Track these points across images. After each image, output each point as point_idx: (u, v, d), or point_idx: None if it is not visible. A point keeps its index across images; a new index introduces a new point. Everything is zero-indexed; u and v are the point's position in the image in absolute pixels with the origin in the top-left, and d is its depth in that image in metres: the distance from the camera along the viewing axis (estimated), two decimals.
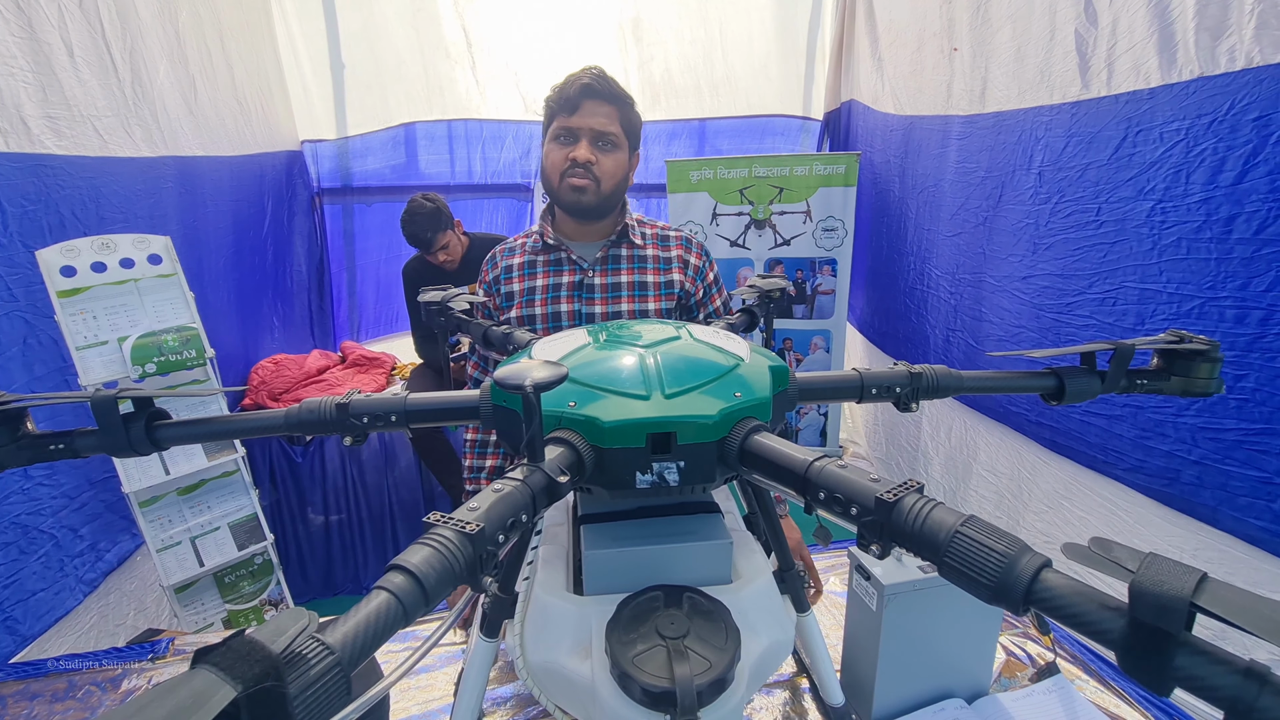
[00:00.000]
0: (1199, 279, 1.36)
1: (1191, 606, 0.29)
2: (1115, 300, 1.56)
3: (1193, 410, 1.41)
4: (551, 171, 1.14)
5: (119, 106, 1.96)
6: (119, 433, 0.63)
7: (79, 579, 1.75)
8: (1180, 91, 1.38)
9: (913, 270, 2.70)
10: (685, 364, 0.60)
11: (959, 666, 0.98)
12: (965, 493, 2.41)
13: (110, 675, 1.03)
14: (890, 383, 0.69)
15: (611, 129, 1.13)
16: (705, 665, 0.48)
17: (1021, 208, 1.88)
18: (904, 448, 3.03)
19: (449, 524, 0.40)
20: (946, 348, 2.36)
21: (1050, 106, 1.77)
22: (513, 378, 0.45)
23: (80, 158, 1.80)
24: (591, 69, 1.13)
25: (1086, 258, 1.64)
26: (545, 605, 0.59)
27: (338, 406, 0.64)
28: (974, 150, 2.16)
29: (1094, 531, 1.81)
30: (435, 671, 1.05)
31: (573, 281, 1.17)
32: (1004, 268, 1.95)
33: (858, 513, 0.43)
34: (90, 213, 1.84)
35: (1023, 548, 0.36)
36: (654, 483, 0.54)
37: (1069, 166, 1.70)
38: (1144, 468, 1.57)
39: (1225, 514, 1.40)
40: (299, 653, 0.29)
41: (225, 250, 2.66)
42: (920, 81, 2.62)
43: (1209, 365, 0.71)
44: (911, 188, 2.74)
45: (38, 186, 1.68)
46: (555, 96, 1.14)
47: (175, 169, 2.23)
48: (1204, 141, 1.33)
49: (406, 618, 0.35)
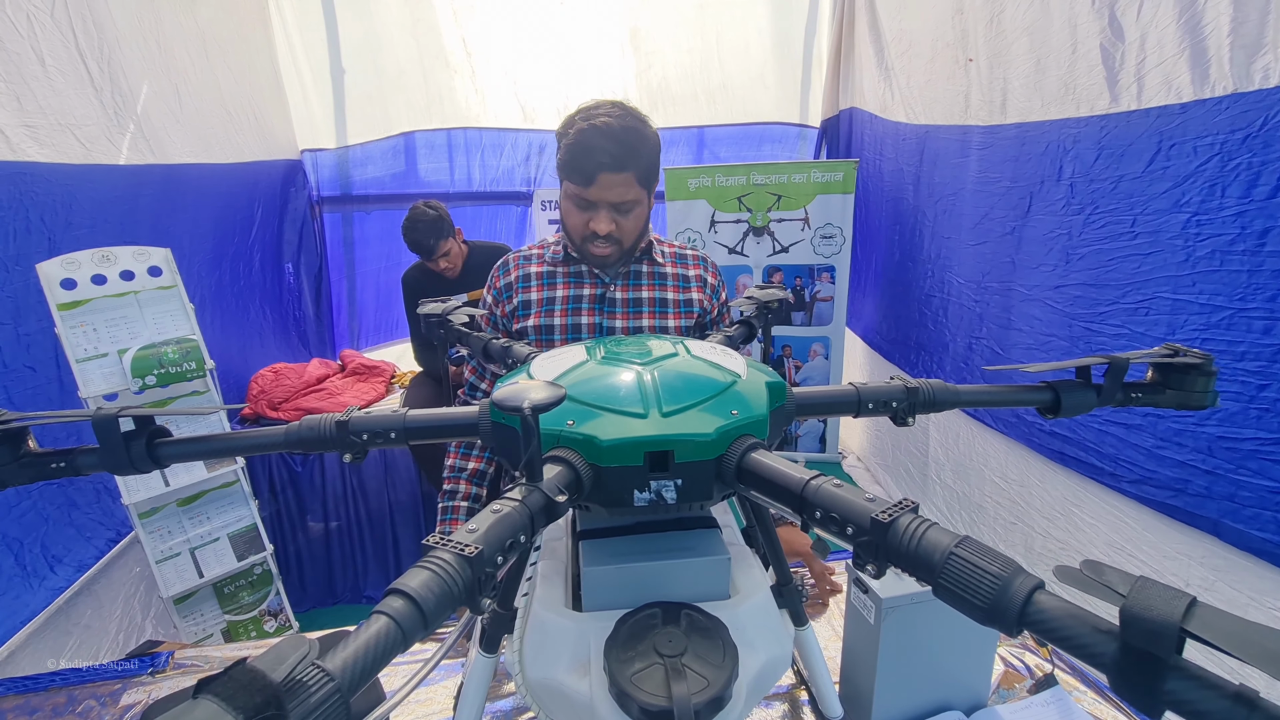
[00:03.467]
0: (1230, 290, 1.38)
1: (1181, 631, 0.29)
2: (1148, 310, 1.57)
3: (1214, 420, 1.41)
4: (573, 232, 1.12)
5: (98, 114, 1.96)
6: (120, 451, 0.63)
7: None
8: (1213, 107, 1.40)
9: (930, 277, 2.70)
10: (682, 381, 0.60)
11: (957, 679, 0.98)
12: (979, 499, 2.41)
13: (110, 690, 1.03)
14: (887, 397, 0.69)
15: (630, 195, 1.07)
16: (703, 684, 0.48)
17: (1053, 218, 1.89)
18: (913, 454, 3.03)
19: (448, 546, 0.40)
20: (968, 355, 2.36)
21: (1077, 119, 1.79)
22: (511, 399, 0.45)
23: (63, 165, 1.80)
24: (603, 125, 1.03)
25: (1120, 268, 1.65)
26: (544, 622, 0.59)
27: (337, 424, 0.64)
28: (997, 160, 2.18)
29: (1102, 540, 1.82)
30: (435, 685, 1.05)
31: (594, 295, 1.17)
32: (1035, 277, 1.96)
33: (853, 532, 0.43)
34: (79, 222, 1.84)
35: (1016, 569, 0.36)
36: (652, 501, 0.54)
37: (1101, 178, 1.71)
38: (1153, 479, 1.58)
39: (1227, 525, 1.40)
40: (299, 680, 0.30)
41: (223, 259, 2.67)
42: (935, 91, 2.64)
43: (1204, 379, 0.71)
44: (928, 196, 2.75)
45: (12, 194, 1.68)
46: (569, 161, 1.06)
47: (165, 177, 2.24)
48: (1239, 156, 1.35)
49: (406, 642, 0.35)
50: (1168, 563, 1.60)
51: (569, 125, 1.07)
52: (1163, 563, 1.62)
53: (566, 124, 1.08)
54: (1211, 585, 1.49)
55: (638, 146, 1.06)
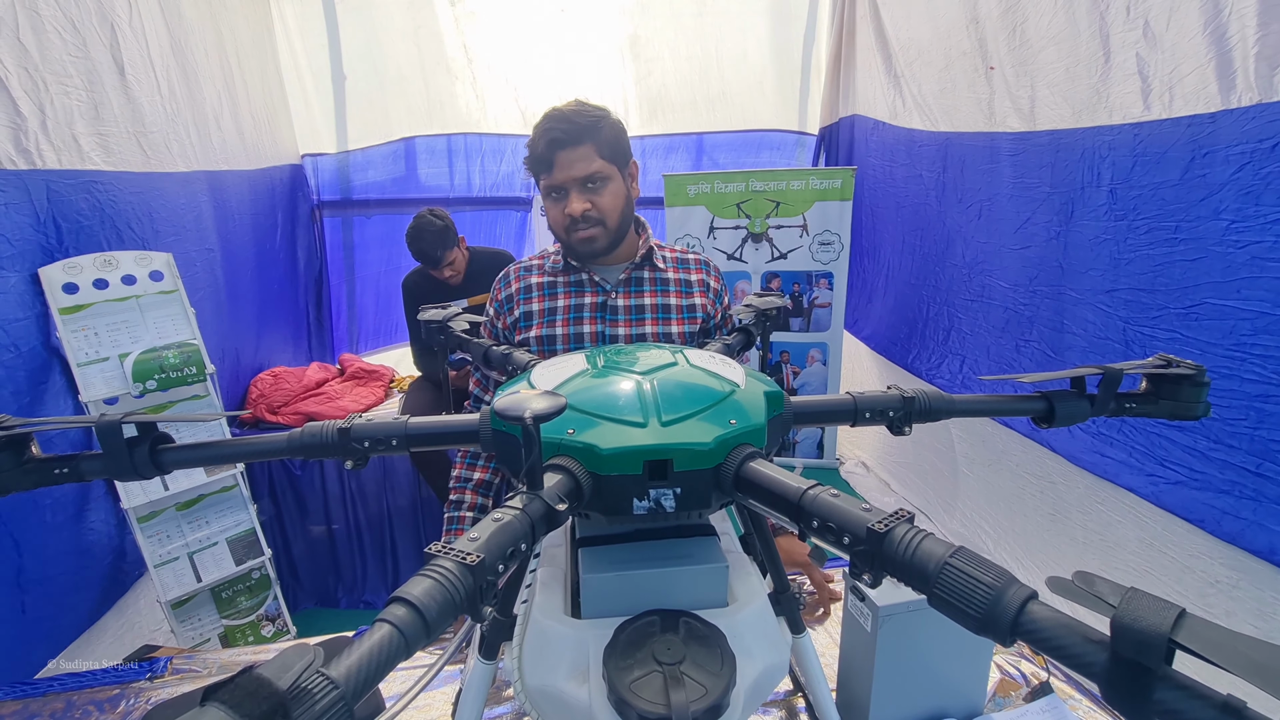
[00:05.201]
0: (1275, 297, 1.40)
1: (1170, 642, 0.30)
2: (1197, 316, 1.59)
3: (1267, 425, 1.42)
4: (557, 229, 1.14)
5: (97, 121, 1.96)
6: (123, 457, 0.64)
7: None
8: (1240, 116, 1.42)
9: (968, 282, 2.70)
10: (682, 390, 0.61)
11: (953, 687, 0.99)
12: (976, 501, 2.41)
13: (109, 695, 1.03)
14: (884, 406, 0.70)
15: (594, 167, 1.08)
16: (701, 691, 0.49)
17: (1097, 224, 1.91)
18: (929, 460, 3.02)
19: (450, 555, 0.40)
20: (1015, 357, 2.37)
21: (1111, 127, 1.81)
22: (513, 409, 0.46)
23: (61, 171, 1.80)
24: (554, 111, 1.09)
25: (1168, 274, 1.67)
26: (543, 629, 0.60)
27: (340, 431, 0.65)
28: (1032, 167, 2.20)
29: (1129, 541, 1.82)
30: (434, 691, 1.06)
31: (595, 303, 1.17)
32: (1085, 281, 1.98)
33: (849, 542, 0.43)
34: (82, 228, 1.84)
35: (1009, 580, 0.37)
36: (651, 509, 0.55)
37: (1140, 185, 1.73)
38: (1198, 479, 1.58)
39: (1267, 528, 1.41)
40: (305, 688, 0.30)
41: (223, 263, 2.67)
42: (954, 99, 2.67)
43: (1195, 389, 0.72)
44: (956, 202, 2.76)
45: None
46: (530, 156, 1.11)
47: (165, 182, 2.24)
48: (1269, 164, 1.37)
49: (408, 649, 0.36)
50: (1195, 561, 1.61)
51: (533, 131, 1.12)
52: (1190, 561, 1.62)
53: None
54: (1237, 584, 1.50)
55: (593, 122, 1.08)
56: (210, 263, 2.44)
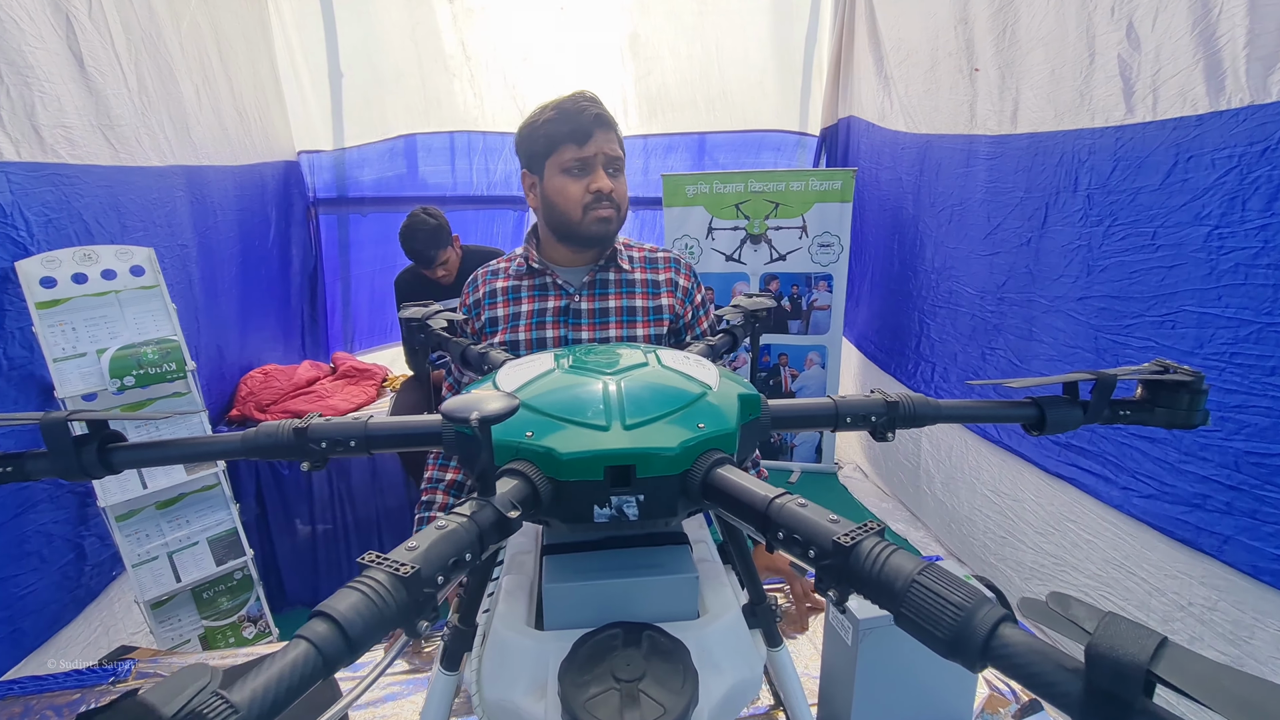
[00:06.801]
0: (1257, 305, 1.36)
1: (1149, 674, 0.27)
2: (1174, 324, 1.56)
3: (1242, 435, 1.40)
4: (569, 206, 1.09)
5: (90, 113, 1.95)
6: (70, 456, 0.61)
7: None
8: (1230, 119, 1.39)
9: (935, 288, 2.68)
10: (649, 392, 0.58)
11: (938, 702, 0.96)
12: (971, 511, 2.39)
13: (69, 699, 1.00)
14: (866, 411, 0.67)
15: (619, 153, 1.12)
16: (659, 711, 0.46)
17: (1071, 229, 1.87)
18: (904, 464, 3.00)
19: (382, 565, 0.38)
20: (981, 365, 2.34)
21: (1092, 130, 1.78)
22: (459, 410, 0.43)
23: (50, 164, 1.79)
24: (582, 93, 1.10)
25: (1144, 281, 1.63)
26: (503, 640, 0.57)
27: (295, 431, 0.62)
28: (1008, 170, 2.17)
29: (1100, 557, 1.79)
30: (402, 700, 1.03)
31: (558, 307, 1.15)
32: (1056, 288, 1.95)
33: (815, 555, 0.41)
34: (64, 222, 1.82)
35: (980, 600, 0.34)
36: (613, 516, 0.52)
37: (1119, 190, 1.70)
38: (1169, 493, 1.55)
39: (1241, 542, 1.38)
40: (197, 712, 0.27)
41: (215, 260, 2.64)
42: (937, 100, 2.64)
43: (1192, 397, 0.69)
44: (929, 205, 2.73)
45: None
46: (559, 128, 1.08)
47: (158, 176, 2.22)
48: (1258, 169, 1.33)
49: (327, 669, 0.33)
50: (1169, 581, 1.58)
51: (538, 114, 1.11)
52: (1164, 581, 1.59)
53: (533, 116, 1.12)
54: (1214, 605, 1.46)
55: (612, 117, 1.12)
56: (184, 258, 2.40)
